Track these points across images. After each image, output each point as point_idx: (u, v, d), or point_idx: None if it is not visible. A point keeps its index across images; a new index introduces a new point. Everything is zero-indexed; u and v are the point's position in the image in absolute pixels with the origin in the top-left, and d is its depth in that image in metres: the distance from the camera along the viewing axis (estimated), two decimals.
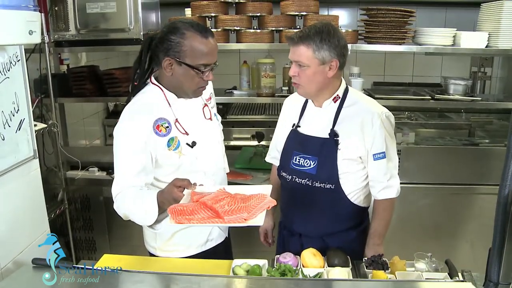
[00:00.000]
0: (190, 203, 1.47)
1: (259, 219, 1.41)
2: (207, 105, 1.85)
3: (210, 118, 1.85)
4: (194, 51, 1.60)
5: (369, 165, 1.81)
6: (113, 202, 1.67)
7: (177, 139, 1.71)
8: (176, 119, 1.72)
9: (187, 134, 1.73)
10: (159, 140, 1.68)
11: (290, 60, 1.75)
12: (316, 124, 1.83)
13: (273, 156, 2.06)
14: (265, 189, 1.58)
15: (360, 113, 1.77)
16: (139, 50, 1.73)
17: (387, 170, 1.80)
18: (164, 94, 1.72)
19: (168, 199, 1.52)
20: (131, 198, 1.62)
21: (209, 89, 1.90)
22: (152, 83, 1.74)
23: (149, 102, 1.71)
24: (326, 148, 1.78)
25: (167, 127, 1.70)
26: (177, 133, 1.72)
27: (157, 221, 1.61)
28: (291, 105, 1.97)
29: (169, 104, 1.72)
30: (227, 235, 1.98)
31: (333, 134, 1.77)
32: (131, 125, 1.67)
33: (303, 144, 1.84)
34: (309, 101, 1.87)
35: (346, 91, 1.82)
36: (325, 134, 1.79)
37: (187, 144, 1.73)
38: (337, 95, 1.80)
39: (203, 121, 1.82)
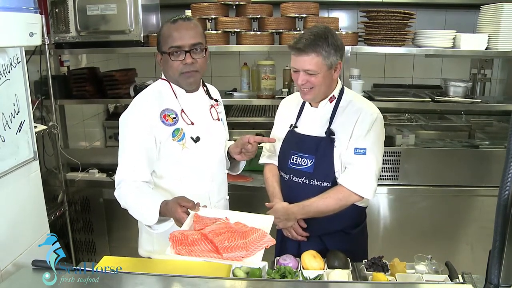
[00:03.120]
0: (191, 232, 1.46)
1: (256, 260, 1.40)
2: (214, 107, 1.87)
3: (218, 119, 1.87)
4: (164, 37, 1.69)
5: (348, 156, 1.78)
6: (115, 189, 1.68)
7: (183, 131, 1.74)
8: (182, 109, 1.75)
9: (192, 124, 1.75)
10: (165, 129, 1.71)
11: (296, 69, 1.74)
12: (312, 124, 1.85)
13: (269, 155, 2.04)
14: (267, 220, 1.59)
15: (354, 112, 1.80)
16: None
17: (365, 165, 1.76)
18: (172, 87, 1.77)
19: (171, 215, 1.54)
20: (135, 194, 1.64)
21: (216, 96, 1.94)
22: (162, 78, 1.80)
23: (157, 92, 1.77)
24: (322, 147, 1.80)
25: (174, 117, 1.74)
26: (183, 124, 1.74)
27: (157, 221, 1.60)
28: (288, 106, 1.99)
29: (176, 96, 1.76)
30: None
31: (329, 133, 1.79)
32: (138, 112, 1.71)
33: (300, 143, 1.86)
34: (306, 102, 1.89)
35: (341, 92, 1.86)
36: (321, 133, 1.82)
37: (191, 138, 1.75)
38: (333, 95, 1.83)
39: (210, 120, 1.84)
